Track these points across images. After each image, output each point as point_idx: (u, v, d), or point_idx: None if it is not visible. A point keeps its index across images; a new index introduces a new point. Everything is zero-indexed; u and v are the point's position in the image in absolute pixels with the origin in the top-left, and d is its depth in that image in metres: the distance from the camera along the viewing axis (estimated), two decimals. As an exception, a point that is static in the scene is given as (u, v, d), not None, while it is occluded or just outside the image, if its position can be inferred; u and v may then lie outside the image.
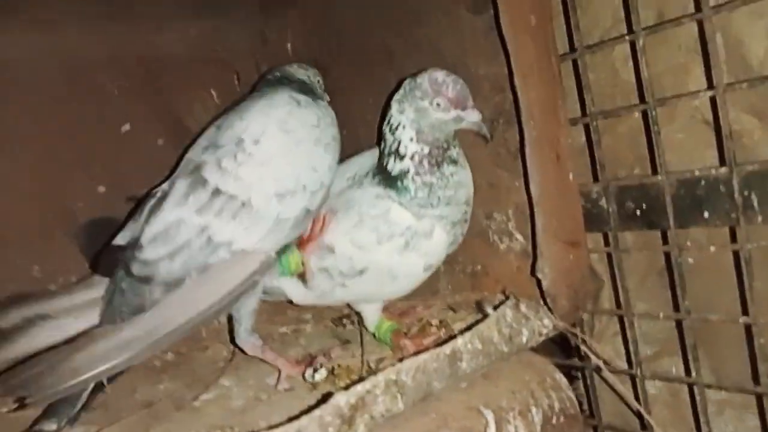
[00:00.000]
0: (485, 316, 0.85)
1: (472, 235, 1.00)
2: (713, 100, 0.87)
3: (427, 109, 0.87)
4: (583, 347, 0.94)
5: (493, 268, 1.04)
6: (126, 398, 1.02)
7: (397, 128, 0.90)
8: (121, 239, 0.90)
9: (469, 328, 0.83)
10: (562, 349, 1.11)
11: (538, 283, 0.88)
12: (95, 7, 1.05)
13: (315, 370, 0.92)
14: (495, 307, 0.86)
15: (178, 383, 1.02)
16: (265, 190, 0.84)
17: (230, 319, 0.97)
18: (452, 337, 0.82)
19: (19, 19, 0.98)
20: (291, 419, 0.65)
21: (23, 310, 0.88)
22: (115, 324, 0.81)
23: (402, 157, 0.90)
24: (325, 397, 0.67)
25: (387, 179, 0.92)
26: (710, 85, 0.87)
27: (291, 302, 1.01)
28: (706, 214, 0.84)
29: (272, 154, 0.85)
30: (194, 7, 1.18)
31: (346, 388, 0.81)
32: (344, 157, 1.01)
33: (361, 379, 0.83)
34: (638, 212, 0.91)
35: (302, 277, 0.95)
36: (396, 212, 0.90)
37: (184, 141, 1.20)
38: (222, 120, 0.93)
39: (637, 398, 0.95)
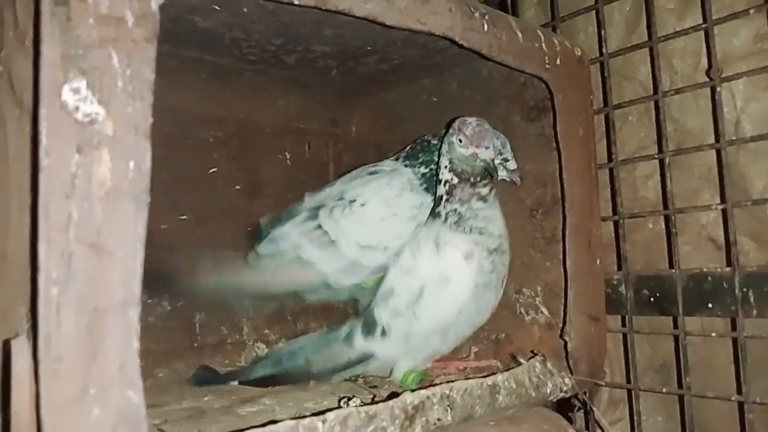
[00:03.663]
0: (518, 364, 0.99)
1: (500, 307, 1.13)
2: (717, 221, 1.07)
3: (453, 143, 1.02)
4: (592, 415, 1.06)
5: (517, 337, 1.18)
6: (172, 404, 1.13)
7: (440, 158, 1.07)
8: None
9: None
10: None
11: (565, 345, 1.02)
12: (213, 75, 1.27)
13: (349, 399, 1.01)
14: (528, 360, 1.00)
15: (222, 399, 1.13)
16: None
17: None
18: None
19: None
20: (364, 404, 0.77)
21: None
22: None
23: (440, 182, 1.05)
24: (391, 395, 0.79)
25: (436, 206, 1.07)
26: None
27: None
28: (710, 306, 1.01)
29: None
30: (286, 84, 1.40)
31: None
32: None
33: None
34: (652, 300, 1.07)
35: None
36: (407, 195, 1.13)
37: (255, 190, 1.41)
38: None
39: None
